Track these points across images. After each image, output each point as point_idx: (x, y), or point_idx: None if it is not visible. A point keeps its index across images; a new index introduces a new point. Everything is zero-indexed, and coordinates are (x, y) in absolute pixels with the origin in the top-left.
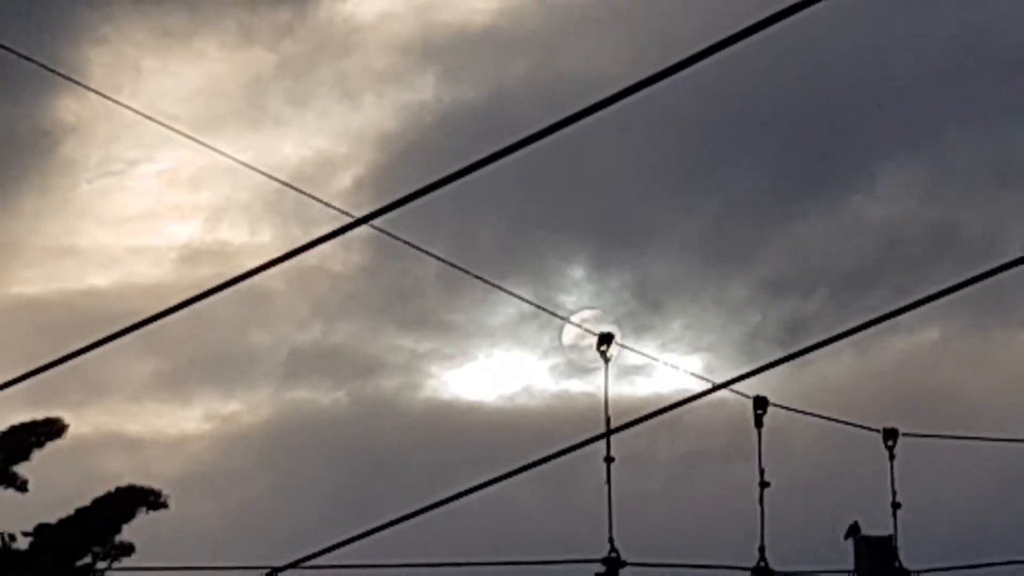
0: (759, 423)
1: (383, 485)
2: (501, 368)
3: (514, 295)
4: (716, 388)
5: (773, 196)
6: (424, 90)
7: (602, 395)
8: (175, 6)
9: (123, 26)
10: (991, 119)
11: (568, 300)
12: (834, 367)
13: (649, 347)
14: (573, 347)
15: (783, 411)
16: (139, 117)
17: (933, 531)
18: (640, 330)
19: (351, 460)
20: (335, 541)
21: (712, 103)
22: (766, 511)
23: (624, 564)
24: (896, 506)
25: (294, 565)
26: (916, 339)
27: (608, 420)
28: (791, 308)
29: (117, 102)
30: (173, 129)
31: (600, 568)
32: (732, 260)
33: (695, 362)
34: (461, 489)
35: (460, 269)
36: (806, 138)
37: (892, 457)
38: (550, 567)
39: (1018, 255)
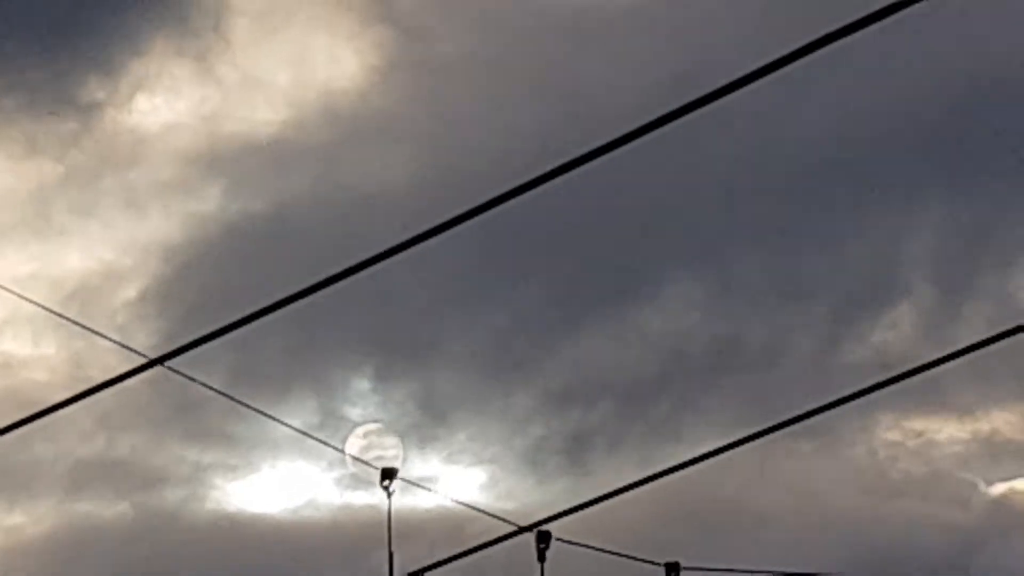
0: (542, 557)
1: None
2: (286, 480)
3: (285, 423)
4: (519, 531)
5: (558, 309)
6: (209, 201)
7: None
8: None
9: None
10: (774, 236)
11: (353, 412)
12: (619, 478)
13: (434, 459)
14: (356, 462)
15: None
16: None
17: None
18: (425, 441)
19: (135, 572)
20: None
21: (498, 216)
22: None
23: None
24: None
25: None
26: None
27: (391, 555)
28: (576, 419)
29: None
30: None
31: None
32: (517, 372)
33: (479, 474)
34: None
35: (238, 401)
36: (592, 251)
37: None
38: None
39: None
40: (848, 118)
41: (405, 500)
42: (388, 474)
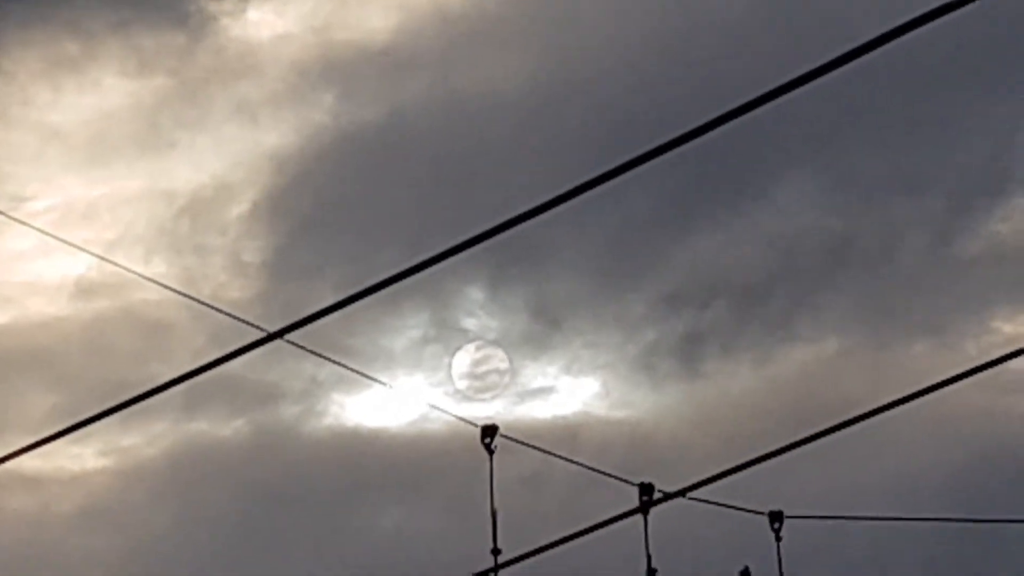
0: (645, 509)
1: (286, 514)
2: (402, 392)
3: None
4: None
5: (670, 210)
6: (321, 110)
7: (502, 420)
8: (66, 34)
9: (14, 56)
10: (886, 130)
11: (468, 322)
12: (734, 380)
13: (549, 368)
14: (469, 374)
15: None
16: (32, 149)
17: None
18: (538, 350)
19: (252, 490)
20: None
21: (607, 118)
22: None
23: None
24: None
25: None
26: (816, 350)
27: (494, 513)
28: (688, 322)
29: None
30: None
31: None
32: (629, 276)
33: (592, 384)
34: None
35: (353, 370)
36: (700, 151)
37: (779, 539)
38: None
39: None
40: (964, 13)
41: (521, 411)
42: (489, 431)
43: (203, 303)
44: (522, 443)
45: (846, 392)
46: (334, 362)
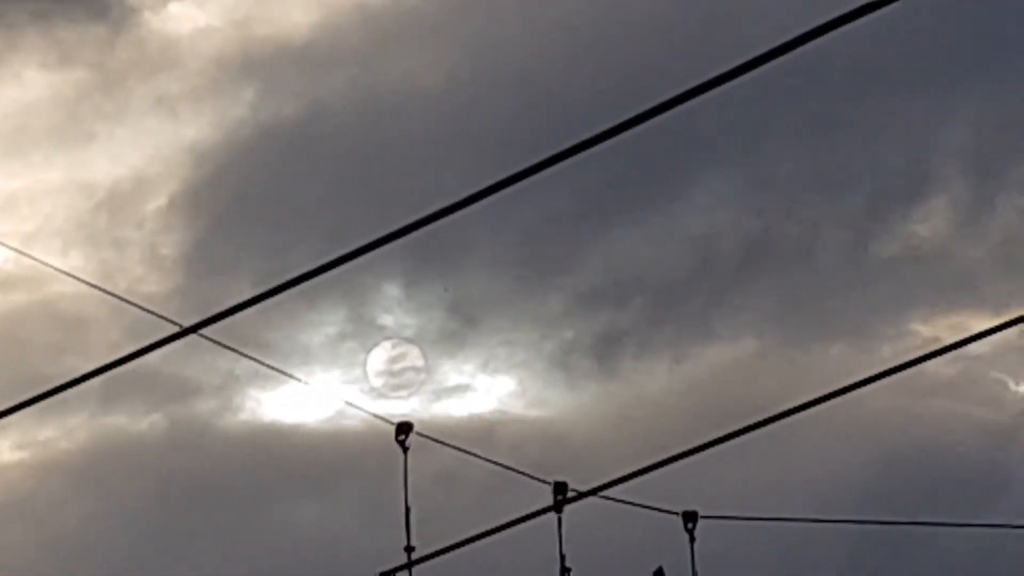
0: (559, 508)
1: (202, 509)
2: (318, 389)
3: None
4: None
5: (588, 208)
6: (241, 105)
7: (418, 417)
8: None
9: None
10: (805, 129)
11: (385, 318)
12: (650, 379)
13: (464, 366)
14: (385, 371)
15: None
16: None
17: None
18: (454, 348)
19: (169, 485)
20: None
21: (526, 114)
22: None
23: None
24: None
25: None
26: (733, 349)
27: (408, 510)
28: (606, 320)
29: None
30: None
31: None
32: (547, 273)
33: (508, 381)
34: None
35: (268, 366)
36: (619, 148)
37: (693, 540)
38: None
39: None
40: (883, 14)
41: (437, 410)
42: (404, 428)
43: (118, 297)
44: (436, 440)
45: (763, 392)
46: (249, 357)
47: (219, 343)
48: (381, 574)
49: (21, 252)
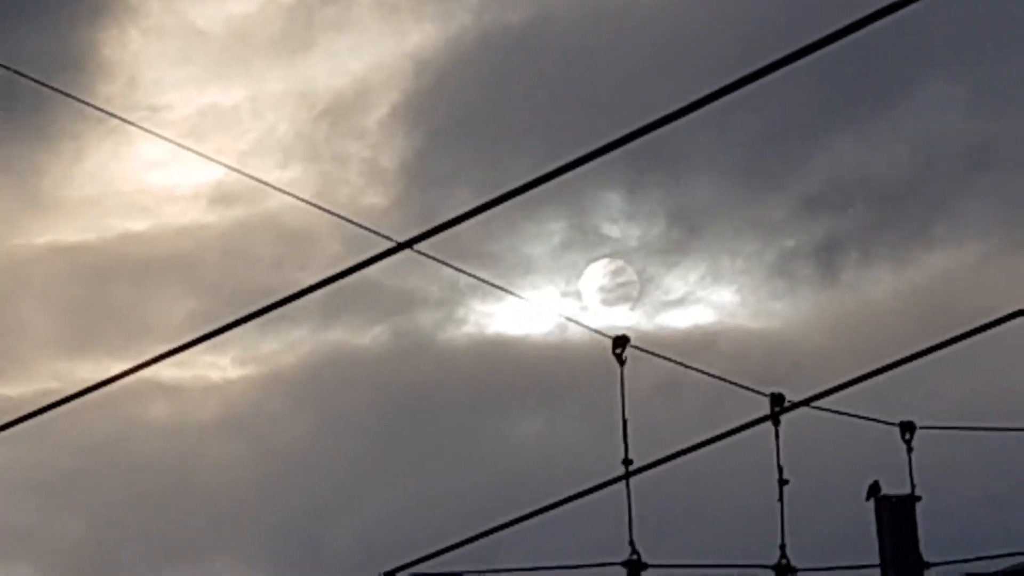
0: (775, 418)
1: (423, 422)
2: (535, 304)
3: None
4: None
5: (809, 115)
6: (465, 10)
7: (640, 329)
8: None
9: None
10: None
11: (607, 227)
12: (873, 287)
13: (686, 275)
14: (604, 286)
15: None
16: (169, 56)
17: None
18: (675, 256)
19: (391, 398)
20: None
21: (754, 20)
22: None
23: (646, 566)
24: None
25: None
26: (955, 255)
27: (624, 422)
28: (827, 227)
29: None
30: None
31: (622, 572)
32: (768, 181)
33: (729, 292)
34: None
35: (485, 282)
36: (845, 54)
37: (910, 451)
38: (570, 571)
39: None
40: None
41: (659, 321)
42: (620, 342)
43: (333, 213)
44: (652, 353)
45: (986, 298)
46: (464, 272)
47: (434, 258)
48: (384, 574)
49: (235, 169)
